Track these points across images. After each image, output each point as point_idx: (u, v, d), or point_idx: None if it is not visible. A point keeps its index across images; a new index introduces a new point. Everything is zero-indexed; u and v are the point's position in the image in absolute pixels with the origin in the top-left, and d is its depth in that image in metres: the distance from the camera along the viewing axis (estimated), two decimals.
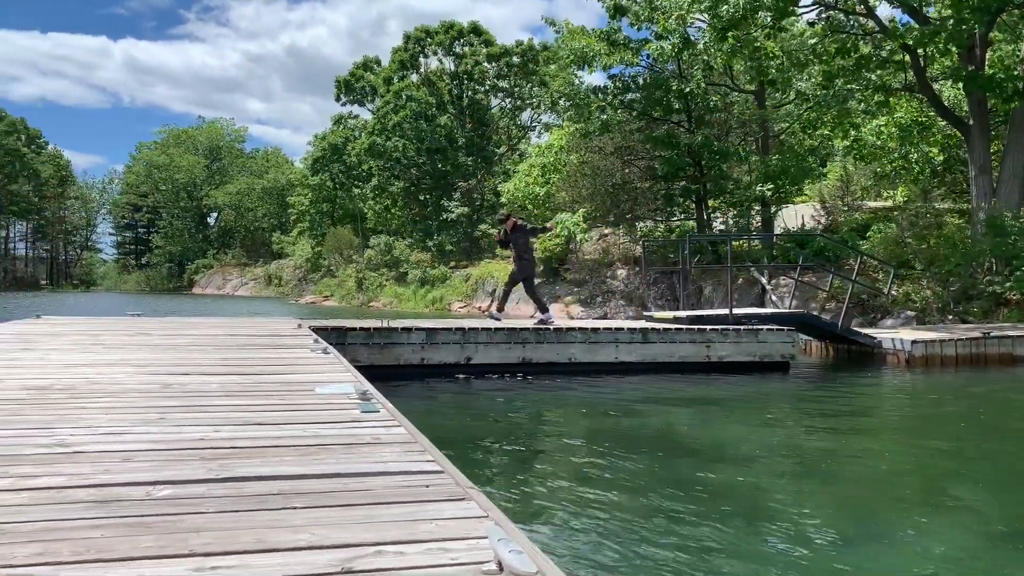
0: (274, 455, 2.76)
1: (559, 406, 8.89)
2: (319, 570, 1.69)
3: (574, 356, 10.67)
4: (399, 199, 45.85)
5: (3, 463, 2.58)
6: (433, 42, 47.56)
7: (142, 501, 2.17)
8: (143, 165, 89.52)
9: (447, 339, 10.34)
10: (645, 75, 23.35)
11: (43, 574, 1.64)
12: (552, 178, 27.81)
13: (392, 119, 43.73)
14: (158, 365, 5.52)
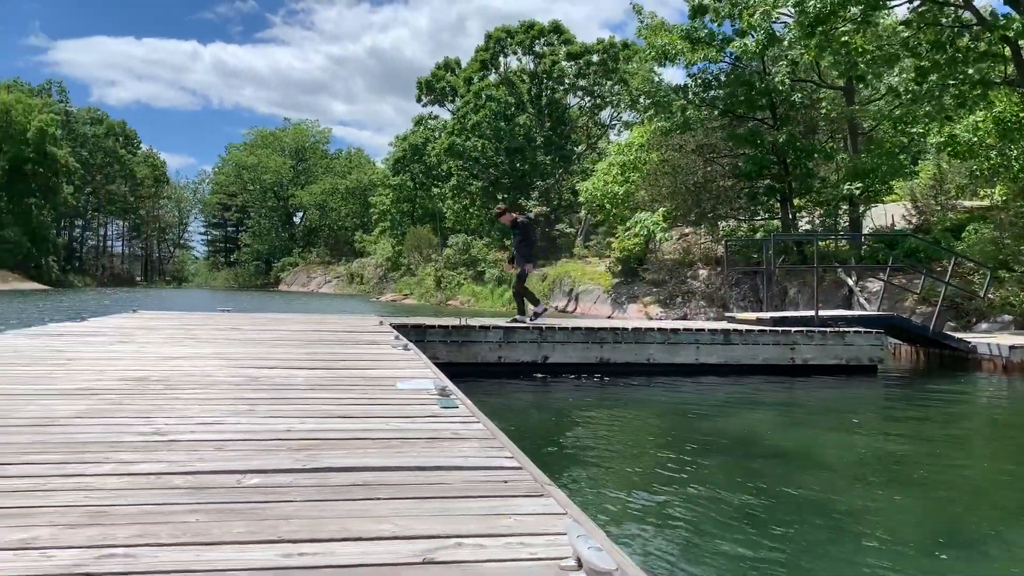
0: (358, 447, 2.83)
1: (637, 406, 8.82)
2: (401, 560, 1.73)
3: (653, 357, 10.57)
4: (477, 198, 46.20)
5: (106, 449, 2.72)
6: (513, 42, 47.78)
7: (233, 488, 2.26)
8: (232, 166, 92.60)
9: (524, 338, 10.38)
10: (728, 72, 22.93)
11: (143, 554, 1.73)
12: (632, 177, 27.57)
13: (472, 119, 44.11)
14: (247, 359, 5.71)
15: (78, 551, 1.73)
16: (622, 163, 28.54)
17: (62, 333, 7.59)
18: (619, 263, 27.11)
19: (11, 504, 2.07)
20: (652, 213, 25.01)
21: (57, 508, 2.04)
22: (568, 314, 27.35)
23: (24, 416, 3.30)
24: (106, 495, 2.16)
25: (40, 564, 1.66)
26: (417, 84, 54.45)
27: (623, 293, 26.21)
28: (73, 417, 3.30)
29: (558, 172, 43.50)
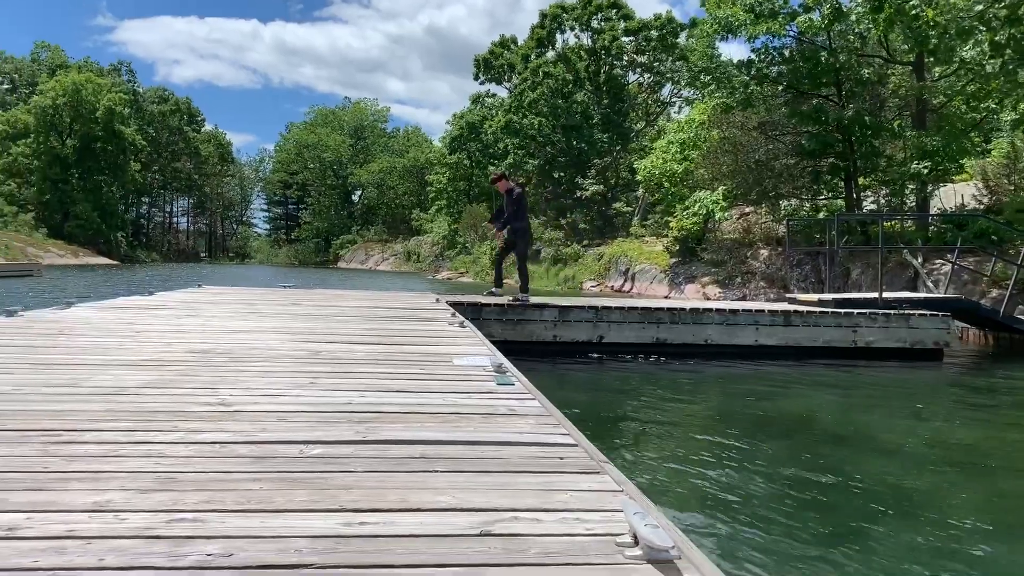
0: (416, 421, 2.87)
1: (694, 388, 8.75)
2: (459, 531, 1.75)
3: (711, 338, 10.45)
4: (534, 177, 46.07)
5: (174, 419, 2.81)
6: (570, 18, 47.32)
7: (296, 459, 2.31)
8: (293, 144, 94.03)
9: (579, 317, 10.36)
10: (792, 47, 22.35)
11: (210, 519, 1.78)
12: (691, 155, 27.16)
13: (528, 96, 43.92)
14: (308, 333, 5.82)
15: (149, 515, 1.80)
16: (681, 141, 28.13)
17: (131, 306, 7.83)
18: (677, 242, 26.80)
19: (86, 468, 2.15)
20: (712, 192, 24.63)
21: (128, 473, 2.11)
22: (624, 294, 27.19)
23: (96, 385, 3.42)
24: (174, 462, 2.24)
25: (114, 526, 1.72)
26: (474, 62, 54.38)
27: (681, 273, 25.94)
28: (142, 387, 3.41)
29: (615, 150, 43.08)
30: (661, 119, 48.14)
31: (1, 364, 3.91)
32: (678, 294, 24.48)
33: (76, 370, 3.80)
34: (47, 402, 3.03)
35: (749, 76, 22.33)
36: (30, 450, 2.32)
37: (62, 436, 2.50)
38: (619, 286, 29.17)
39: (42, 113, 68.28)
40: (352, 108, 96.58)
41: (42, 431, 2.55)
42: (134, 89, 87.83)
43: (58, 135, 69.42)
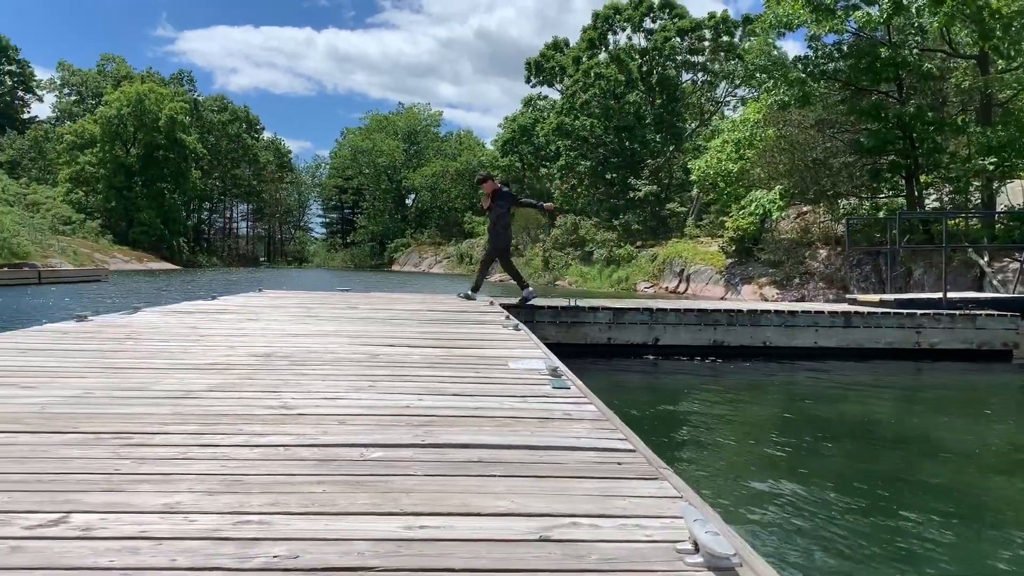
0: (473, 424, 2.89)
1: (752, 390, 8.63)
2: (518, 536, 1.76)
3: (769, 340, 10.29)
4: (586, 178, 45.94)
5: (238, 422, 2.88)
6: (622, 18, 47.08)
7: (357, 462, 2.35)
8: (348, 149, 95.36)
9: (634, 319, 10.30)
10: (851, 42, 21.88)
11: (276, 522, 1.82)
12: (746, 154, 26.78)
13: (580, 98, 43.82)
14: (366, 337, 5.91)
15: (216, 516, 1.85)
16: (736, 140, 27.75)
17: (195, 311, 8.04)
18: (733, 243, 26.45)
19: (156, 471, 2.22)
20: (768, 191, 24.25)
21: (196, 475, 2.18)
22: (679, 295, 26.94)
23: (164, 389, 3.52)
24: (240, 464, 2.29)
25: (183, 527, 1.78)
26: (526, 65, 54.47)
27: (737, 274, 25.59)
28: (207, 390, 3.50)
29: (669, 150, 42.71)
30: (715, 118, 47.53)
31: (73, 368, 4.05)
32: (735, 295, 24.16)
33: (144, 374, 3.92)
34: (118, 405, 3.13)
35: (806, 73, 21.93)
36: (103, 452, 2.41)
37: (133, 439, 2.58)
38: (674, 287, 28.91)
39: (107, 123, 70.46)
40: (405, 113, 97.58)
41: (114, 434, 2.64)
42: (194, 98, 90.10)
43: (123, 144, 71.56)
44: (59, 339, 5.30)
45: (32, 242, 43.69)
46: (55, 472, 2.18)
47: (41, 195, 61.55)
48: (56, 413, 2.96)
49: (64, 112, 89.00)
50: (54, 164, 74.48)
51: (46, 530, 1.74)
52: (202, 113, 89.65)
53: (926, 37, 20.78)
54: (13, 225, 43.01)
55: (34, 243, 43.99)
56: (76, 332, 5.71)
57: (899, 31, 20.73)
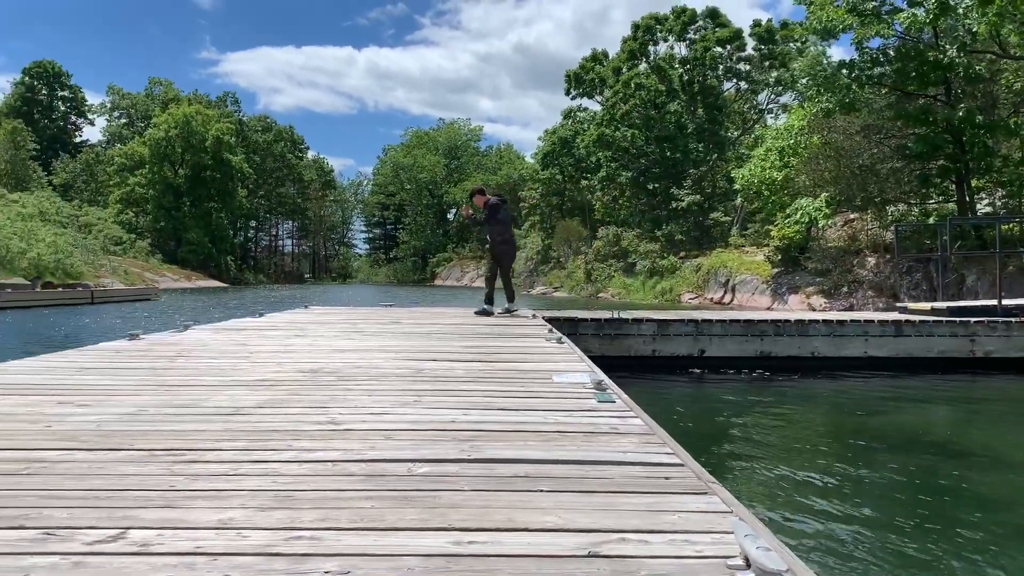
0: (518, 439, 2.89)
1: (801, 402, 8.49)
2: (566, 552, 1.76)
3: (817, 350, 10.13)
4: (627, 189, 45.77)
5: (287, 437, 2.92)
6: (663, 29, 46.95)
7: (405, 477, 2.37)
8: (390, 166, 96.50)
9: (679, 331, 10.21)
10: (896, 46, 21.52)
11: (326, 537, 1.84)
12: (791, 161, 26.46)
13: (621, 109, 43.74)
14: (410, 352, 5.95)
15: (269, 532, 1.87)
16: (781, 147, 27.45)
17: (243, 328, 8.17)
18: (778, 252, 26.12)
19: (209, 487, 2.26)
20: (814, 199, 23.93)
21: (248, 491, 2.21)
22: (724, 306, 26.65)
23: (214, 405, 3.59)
24: (290, 480, 2.32)
25: (237, 543, 1.80)
26: (565, 77, 54.54)
27: (783, 283, 25.25)
28: (257, 407, 3.56)
29: (712, 159, 42.39)
30: (758, 126, 47.08)
31: (127, 386, 4.15)
32: (781, 305, 23.84)
33: (195, 391, 3.99)
34: (170, 422, 3.20)
35: (851, 78, 21.62)
36: (157, 469, 2.46)
37: (186, 455, 2.63)
38: (719, 298, 28.62)
39: (156, 145, 72.25)
40: (446, 129, 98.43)
41: (168, 450, 2.70)
42: (239, 118, 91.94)
43: (171, 165, 73.27)
44: (113, 358, 5.43)
45: (85, 262, 44.88)
46: (112, 489, 2.23)
47: (93, 216, 63.26)
48: (112, 430, 3.03)
49: (114, 135, 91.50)
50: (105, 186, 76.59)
51: (105, 546, 1.79)
52: (247, 133, 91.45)
53: (975, 38, 20.37)
54: (67, 246, 44.24)
55: (87, 263, 45.19)
56: (129, 351, 5.85)
57: (946, 33, 20.34)
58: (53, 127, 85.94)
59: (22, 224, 43.06)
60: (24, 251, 38.33)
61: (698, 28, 46.35)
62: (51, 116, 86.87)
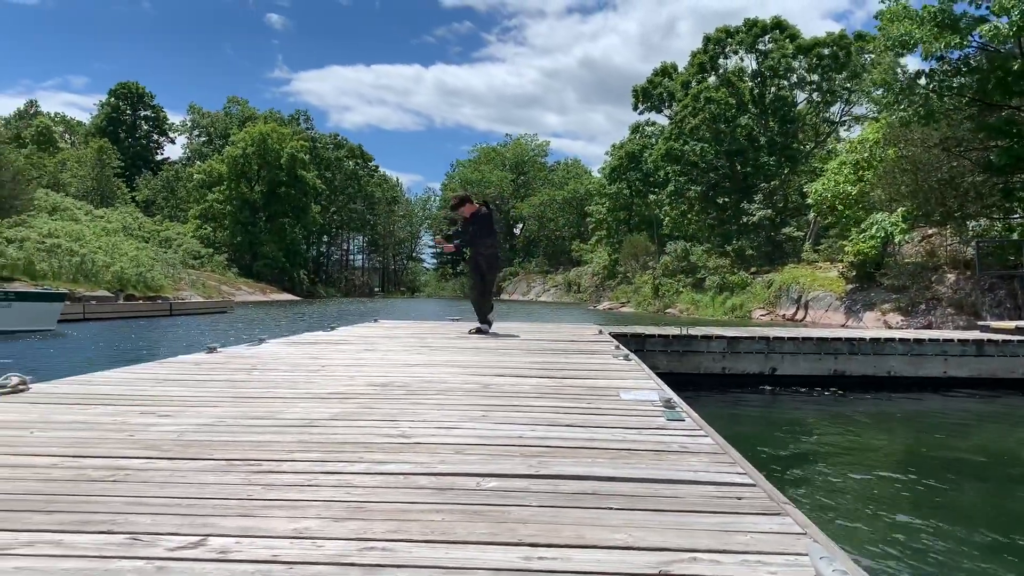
0: (586, 456, 2.89)
1: (877, 423, 8.24)
2: (636, 570, 1.75)
3: (894, 369, 9.83)
4: (696, 203, 45.28)
5: (359, 450, 2.97)
6: (734, 41, 46.46)
7: (474, 491, 2.39)
8: (458, 181, 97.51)
9: (750, 348, 10.04)
10: (978, 57, 20.83)
11: (398, 549, 1.87)
12: (866, 175, 25.80)
13: (690, 123, 43.36)
14: (476, 366, 5.99)
15: (343, 543, 1.92)
16: (855, 161, 26.81)
17: (315, 341, 8.35)
18: (853, 268, 25.46)
19: (285, 497, 2.32)
20: (890, 213, 23.28)
21: (323, 502, 2.26)
22: (797, 323, 26.08)
23: (289, 417, 3.68)
24: (363, 492, 2.37)
25: (312, 553, 1.85)
26: (633, 92, 54.40)
27: (858, 300, 24.58)
28: (330, 419, 3.63)
29: (783, 173, 41.63)
30: (831, 139, 46.07)
31: (206, 397, 4.28)
32: (856, 322, 23.20)
33: (270, 403, 4.10)
34: (247, 433, 3.29)
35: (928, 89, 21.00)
36: (235, 478, 2.53)
37: (263, 465, 2.71)
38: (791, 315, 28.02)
39: (233, 162, 74.60)
40: (513, 144, 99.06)
41: (245, 460, 2.78)
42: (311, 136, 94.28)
43: (247, 182, 75.50)
44: (192, 370, 5.61)
45: (165, 276, 46.49)
46: (193, 496, 2.31)
47: (173, 231, 65.58)
48: (191, 440, 3.14)
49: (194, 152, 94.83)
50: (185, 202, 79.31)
51: (187, 552, 1.85)
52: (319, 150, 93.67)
53: None
54: (148, 260, 45.92)
55: (167, 276, 46.79)
56: (207, 363, 6.03)
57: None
58: (136, 145, 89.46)
59: (106, 239, 44.90)
60: (108, 264, 39.92)
61: (769, 40, 45.70)
62: (135, 135, 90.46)
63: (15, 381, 4.31)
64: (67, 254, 37.57)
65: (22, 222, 39.82)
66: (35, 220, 41.56)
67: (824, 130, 48.38)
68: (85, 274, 37.52)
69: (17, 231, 37.22)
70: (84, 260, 38.16)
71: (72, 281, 35.36)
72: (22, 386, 4.33)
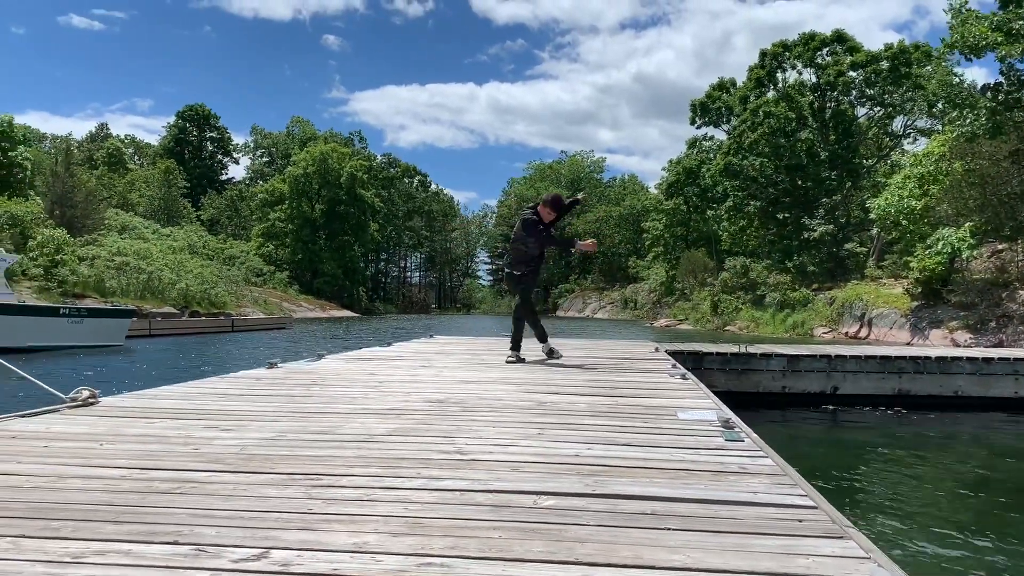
0: (644, 476, 2.86)
1: (943, 445, 7.98)
2: None
3: (961, 389, 9.51)
4: (755, 219, 44.65)
5: (417, 466, 3.00)
6: (792, 55, 45.85)
7: (530, 509, 2.39)
8: (514, 198, 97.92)
9: (811, 366, 9.83)
10: None
11: (456, 565, 1.89)
12: (931, 189, 25.14)
13: (749, 137, 42.86)
14: (531, 384, 5.99)
15: (401, 558, 1.94)
16: (919, 175, 26.15)
17: (372, 357, 8.45)
18: (919, 284, 24.78)
19: (344, 511, 2.35)
20: (957, 228, 22.62)
21: (381, 517, 2.29)
22: (860, 340, 25.46)
23: (348, 432, 3.73)
24: (420, 508, 2.39)
25: (371, 567, 1.87)
26: (691, 107, 54.03)
27: (924, 317, 23.91)
28: (387, 435, 3.68)
29: (845, 188, 40.82)
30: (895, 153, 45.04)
31: (267, 412, 4.37)
32: (922, 341, 22.55)
33: (329, 418, 4.17)
34: (308, 448, 3.35)
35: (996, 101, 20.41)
36: (296, 492, 2.58)
37: (322, 480, 2.75)
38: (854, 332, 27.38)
39: (295, 182, 76.23)
40: (568, 161, 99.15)
41: (305, 475, 2.83)
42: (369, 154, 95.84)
43: (308, 201, 77.03)
44: (253, 385, 5.73)
45: (228, 293, 47.62)
46: (255, 510, 2.36)
47: (236, 249, 67.16)
48: (254, 454, 3.21)
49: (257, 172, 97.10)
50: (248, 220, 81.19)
51: (250, 564, 1.89)
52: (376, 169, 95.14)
53: None
54: (212, 277, 47.10)
55: (230, 294, 47.92)
56: (268, 378, 6.16)
57: None
58: (202, 166, 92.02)
59: (172, 256, 46.22)
60: (174, 282, 41.07)
61: (828, 53, 44.98)
62: (201, 155, 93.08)
63: (86, 394, 4.46)
64: (135, 272, 38.78)
65: (93, 241, 41.25)
66: (106, 239, 43.03)
67: (887, 144, 47.34)
68: (152, 291, 38.66)
69: (89, 249, 38.56)
70: (151, 277, 39.33)
71: (140, 298, 36.48)
72: (92, 399, 4.47)
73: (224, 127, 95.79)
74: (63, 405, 4.34)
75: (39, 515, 2.25)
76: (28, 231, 34.94)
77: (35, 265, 32.44)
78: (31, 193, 42.82)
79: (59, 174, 45.31)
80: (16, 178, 42.20)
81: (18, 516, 2.23)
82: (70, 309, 21.07)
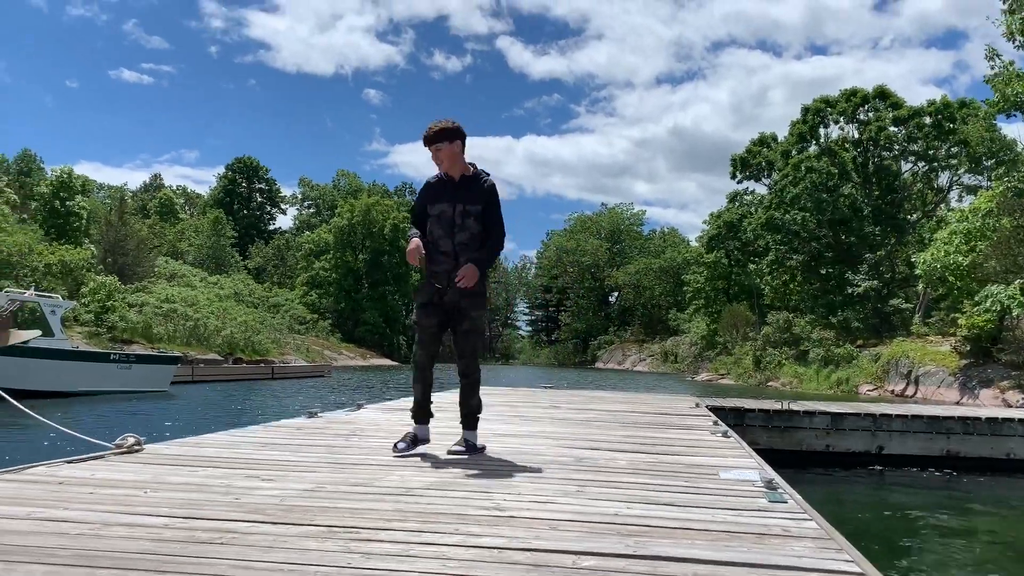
0: (684, 537, 2.82)
1: (994, 509, 7.72)
2: None
3: (1013, 451, 9.23)
4: (798, 273, 44.18)
5: (454, 521, 2.99)
6: (834, 111, 45.79)
7: (569, 569, 2.36)
8: (553, 250, 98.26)
9: (855, 425, 9.62)
10: None
11: None
12: (978, 245, 24.70)
13: (791, 192, 42.68)
14: (571, 439, 5.95)
15: None
16: (966, 231, 25.73)
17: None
18: (967, 342, 24.22)
19: (382, 566, 2.35)
20: (1006, 285, 22.12)
21: (419, 573, 2.28)
22: (906, 399, 24.85)
23: (386, 485, 3.74)
24: (458, 565, 2.38)
25: None
26: (731, 161, 54.06)
27: (973, 376, 23.29)
28: (425, 488, 3.67)
29: (890, 243, 40.27)
30: (940, 208, 44.44)
31: (306, 463, 4.40)
32: (971, 400, 21.94)
33: (368, 470, 4.18)
34: (346, 500, 3.36)
35: None
36: (335, 545, 2.59)
37: (360, 533, 2.76)
38: (900, 390, 26.75)
39: (340, 232, 77.50)
40: (608, 213, 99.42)
41: (344, 527, 2.83)
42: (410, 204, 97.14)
43: (352, 251, 78.15)
44: (293, 434, 5.78)
45: (271, 340, 48.20)
46: (295, 562, 2.37)
47: (281, 297, 68.17)
48: (293, 505, 3.23)
49: (303, 223, 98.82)
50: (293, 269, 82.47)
51: None
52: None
53: None
54: (256, 324, 47.77)
55: (273, 341, 48.49)
56: (308, 428, 6.20)
57: None
58: (250, 216, 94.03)
59: (219, 304, 47.04)
60: (219, 329, 41.72)
61: (871, 109, 44.83)
62: (249, 206, 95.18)
63: (131, 441, 4.53)
64: (182, 319, 39.52)
65: (143, 288, 42.22)
66: (155, 286, 44.01)
67: (932, 199, 46.77)
68: (198, 338, 39.30)
69: (138, 296, 39.45)
70: (197, 324, 40.02)
71: (185, 344, 37.08)
72: (137, 446, 4.55)
73: (273, 179, 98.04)
74: (109, 452, 4.42)
75: (84, 563, 2.28)
76: (81, 278, 35.90)
77: (86, 311, 33.25)
78: (86, 241, 44.10)
79: (112, 223, 46.67)
80: (72, 226, 43.56)
81: (64, 564, 2.27)
82: (119, 355, 21.54)
